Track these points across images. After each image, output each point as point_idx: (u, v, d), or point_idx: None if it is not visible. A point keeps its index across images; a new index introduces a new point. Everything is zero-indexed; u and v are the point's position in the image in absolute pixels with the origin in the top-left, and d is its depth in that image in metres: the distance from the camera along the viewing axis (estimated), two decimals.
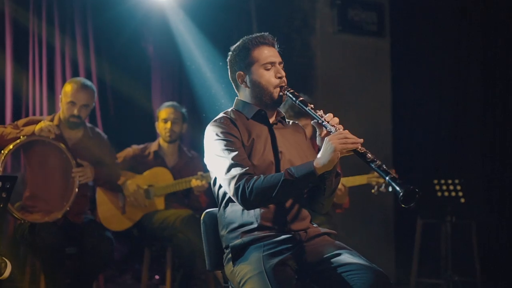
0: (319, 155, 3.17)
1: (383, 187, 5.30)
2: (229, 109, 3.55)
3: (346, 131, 3.17)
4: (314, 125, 3.32)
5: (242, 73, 3.48)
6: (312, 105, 3.36)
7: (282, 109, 5.29)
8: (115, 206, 5.65)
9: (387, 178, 3.05)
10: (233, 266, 3.31)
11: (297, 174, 3.16)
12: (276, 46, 3.51)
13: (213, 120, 3.45)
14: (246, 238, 3.31)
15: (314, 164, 3.15)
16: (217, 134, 3.35)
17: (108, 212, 5.64)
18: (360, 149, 3.14)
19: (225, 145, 3.31)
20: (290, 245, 3.29)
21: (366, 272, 3.14)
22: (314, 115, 3.31)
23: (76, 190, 5.08)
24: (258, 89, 3.45)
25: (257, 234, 3.31)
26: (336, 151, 3.09)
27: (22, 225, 5.02)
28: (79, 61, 7.00)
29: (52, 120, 5.22)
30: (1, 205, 3.98)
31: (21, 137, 4.96)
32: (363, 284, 3.10)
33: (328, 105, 6.91)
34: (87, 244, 5.05)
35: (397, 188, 3.02)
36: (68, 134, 5.23)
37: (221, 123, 3.40)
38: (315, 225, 3.52)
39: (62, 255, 4.98)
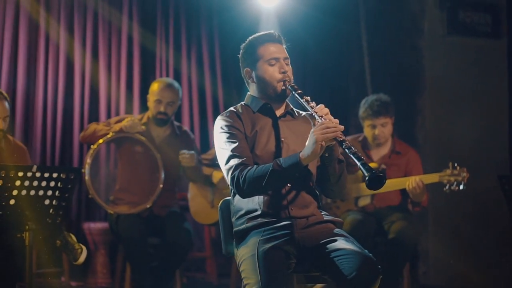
0: (305, 147, 3.30)
1: (454, 185, 5.14)
2: (239, 104, 3.72)
3: (328, 120, 3.29)
4: (307, 116, 3.51)
5: (249, 69, 3.65)
6: (308, 98, 3.46)
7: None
8: (205, 200, 5.86)
9: (359, 163, 3.21)
10: (236, 250, 3.51)
11: (284, 165, 3.31)
12: (283, 43, 3.65)
13: (220, 114, 3.64)
14: (249, 224, 3.48)
15: (300, 155, 3.29)
16: (221, 127, 3.55)
17: (198, 206, 5.88)
18: (339, 137, 3.27)
19: (227, 138, 3.50)
20: (288, 231, 3.41)
21: (355, 256, 3.24)
22: (306, 107, 3.44)
23: (161, 185, 5.34)
24: (263, 83, 3.60)
25: (259, 220, 3.47)
26: (318, 142, 3.23)
27: (111, 216, 5.36)
28: (206, 86, 7.41)
29: (142, 118, 5.52)
30: (67, 195, 4.31)
31: (110, 133, 5.30)
32: (351, 268, 3.20)
33: (436, 106, 6.79)
34: (168, 235, 5.30)
35: (365, 173, 3.18)
36: (156, 132, 5.52)
37: (226, 116, 3.59)
38: (322, 213, 3.60)
39: (144, 245, 5.26)
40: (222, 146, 3.51)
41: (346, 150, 3.25)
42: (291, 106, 3.72)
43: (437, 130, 6.84)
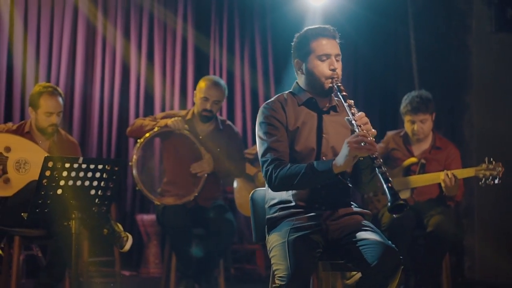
0: (339, 155, 3.32)
1: (490, 179, 5.13)
2: (286, 92, 3.74)
3: (365, 133, 3.26)
4: (347, 121, 3.44)
5: (299, 61, 3.65)
6: (351, 102, 3.46)
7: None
8: (249, 193, 5.95)
9: (385, 185, 3.20)
10: (268, 236, 3.58)
11: (317, 170, 3.34)
12: (336, 39, 3.62)
13: (266, 102, 3.68)
14: (281, 213, 3.56)
15: (333, 163, 3.31)
16: (264, 117, 3.58)
17: (243, 198, 6.01)
18: (372, 153, 3.26)
19: (268, 129, 3.54)
20: (317, 222, 3.49)
21: (377, 246, 3.29)
22: (348, 111, 3.43)
23: (205, 176, 5.47)
24: (311, 77, 3.60)
25: (291, 210, 3.55)
26: (350, 155, 3.25)
27: (157, 207, 5.51)
28: (259, 87, 7.52)
29: (186, 114, 5.65)
30: (112, 186, 4.47)
31: (156, 128, 5.45)
32: (373, 257, 3.26)
33: (483, 103, 6.74)
34: (211, 226, 5.42)
35: (389, 197, 3.17)
36: (201, 127, 5.64)
37: (271, 106, 3.61)
38: (353, 205, 3.66)
39: (189, 235, 5.38)
40: (261, 137, 3.55)
41: (376, 168, 3.25)
42: (335, 102, 3.69)
43: (483, 126, 6.78)
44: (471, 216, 6.69)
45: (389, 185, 3.19)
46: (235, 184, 6.15)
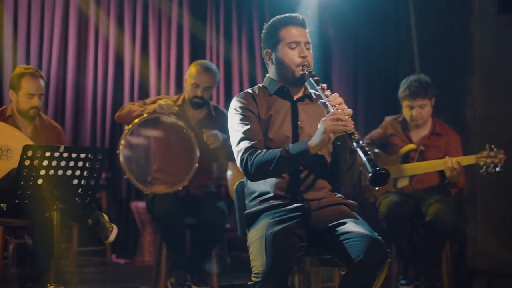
0: (314, 135, 3.21)
1: (491, 167, 4.92)
2: (257, 86, 3.64)
3: (340, 112, 3.19)
4: (320, 104, 3.32)
5: (269, 50, 3.57)
6: (324, 85, 3.35)
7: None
8: None
9: (364, 158, 3.12)
10: (248, 232, 3.42)
11: (293, 151, 3.23)
12: (305, 27, 3.55)
13: (237, 95, 3.57)
14: (260, 206, 3.41)
15: (308, 143, 3.20)
16: (235, 109, 3.48)
17: None
18: (349, 130, 3.16)
19: (240, 120, 3.44)
20: (299, 213, 3.33)
21: (363, 239, 3.14)
22: (321, 94, 3.35)
23: (197, 165, 5.26)
24: (282, 66, 3.52)
25: (271, 202, 3.39)
26: (327, 133, 3.14)
27: (147, 195, 5.31)
28: (257, 75, 7.34)
29: (177, 100, 5.44)
30: (95, 175, 4.29)
31: (144, 114, 5.25)
32: (358, 251, 3.12)
33: (487, 87, 6.51)
34: (203, 215, 5.20)
35: (369, 168, 3.09)
36: (192, 113, 5.43)
37: (241, 98, 3.52)
38: (337, 195, 3.50)
39: (180, 224, 5.19)
40: (234, 128, 3.44)
41: (354, 143, 3.15)
42: (310, 90, 3.61)
43: (486, 111, 6.53)
44: (473, 203, 6.46)
45: (369, 157, 3.11)
46: (228, 172, 5.95)
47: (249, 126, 3.39)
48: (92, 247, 6.19)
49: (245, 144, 3.34)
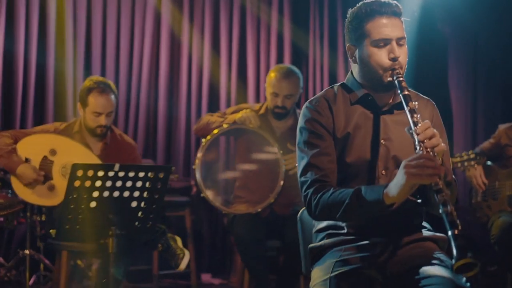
0: (393, 181, 2.50)
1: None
2: (338, 84, 2.91)
3: (428, 155, 2.42)
4: (407, 132, 2.56)
5: (352, 46, 2.81)
6: (415, 104, 2.58)
7: None
8: None
9: (449, 232, 2.32)
10: (312, 269, 2.82)
11: (366, 198, 2.53)
12: (400, 16, 2.75)
13: (309, 100, 2.87)
14: (328, 240, 2.79)
15: (384, 191, 2.49)
16: (306, 121, 2.79)
17: None
18: (436, 183, 2.41)
19: (309, 137, 2.76)
20: (372, 252, 2.68)
21: (445, 285, 2.47)
22: (409, 118, 2.56)
23: (282, 182, 4.67)
24: (366, 68, 2.75)
25: (341, 237, 2.76)
26: (407, 183, 2.42)
27: (228, 215, 4.78)
28: None
29: (260, 109, 4.88)
30: (157, 196, 3.79)
31: (223, 125, 4.72)
32: None
33: None
34: (289, 236, 4.59)
35: (454, 251, 2.30)
36: (276, 123, 4.86)
37: (314, 106, 2.80)
38: (425, 229, 2.81)
39: (262, 248, 4.62)
40: (302, 147, 2.78)
41: (440, 205, 2.38)
42: (406, 93, 2.69)
43: None
44: None
45: (456, 233, 2.31)
46: None
47: (318, 149, 2.72)
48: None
49: (311, 174, 2.68)
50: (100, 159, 4.43)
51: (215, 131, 4.73)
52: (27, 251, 4.89)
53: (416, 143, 2.48)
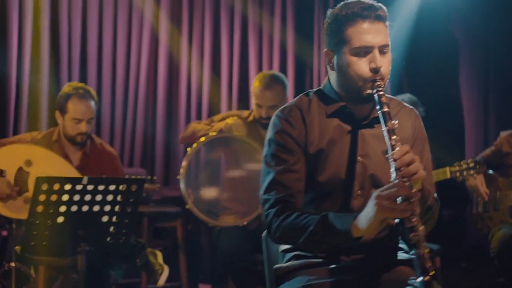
0: (363, 211, 2.26)
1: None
2: (313, 91, 2.63)
3: (402, 184, 2.19)
4: (383, 154, 2.36)
5: (330, 51, 2.52)
6: (394, 123, 2.31)
7: None
8: None
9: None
10: None
11: (334, 227, 2.30)
12: (385, 20, 2.46)
13: (281, 107, 2.59)
14: (295, 262, 2.56)
15: (354, 222, 2.26)
16: (275, 133, 2.52)
17: None
18: (409, 219, 2.19)
19: (277, 151, 2.50)
20: (343, 277, 2.46)
21: None
22: (386, 139, 2.30)
23: None
24: (344, 78, 2.48)
25: (308, 260, 2.53)
26: (378, 216, 2.19)
27: (214, 228, 4.56)
28: None
29: (248, 116, 4.66)
30: (130, 210, 3.60)
31: (209, 133, 4.52)
32: None
33: None
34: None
35: (418, 270, 2.15)
36: (264, 131, 4.62)
37: (286, 116, 2.52)
38: (401, 251, 2.58)
39: (250, 263, 4.40)
40: (268, 161, 2.51)
41: (413, 247, 2.17)
42: (386, 108, 2.40)
43: None
44: None
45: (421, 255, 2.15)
46: None
47: (286, 165, 2.46)
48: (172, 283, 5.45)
49: (275, 193, 2.43)
50: (79, 170, 4.24)
51: (202, 139, 4.52)
52: (12, 264, 4.71)
53: (392, 170, 2.23)
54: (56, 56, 5.68)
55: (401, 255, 2.55)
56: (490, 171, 4.54)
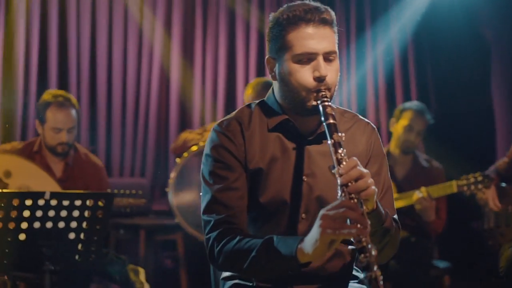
0: (309, 234, 2.00)
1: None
2: (256, 102, 2.36)
3: (349, 202, 1.93)
4: (329, 170, 2.05)
5: (272, 59, 2.27)
6: (341, 136, 2.06)
7: None
8: None
9: (363, 273, 1.92)
10: None
11: (278, 252, 2.05)
12: (332, 25, 2.21)
13: (220, 120, 2.34)
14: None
15: (299, 246, 2.01)
16: (212, 148, 2.26)
17: None
18: (358, 239, 1.92)
19: (215, 168, 2.24)
20: None
21: None
22: (332, 154, 2.05)
23: None
24: (287, 88, 2.22)
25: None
26: (323, 238, 1.93)
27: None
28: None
29: None
30: (98, 227, 3.38)
31: (200, 143, 4.29)
32: None
33: None
34: None
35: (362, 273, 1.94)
36: None
37: (224, 130, 2.26)
38: (355, 274, 2.35)
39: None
40: (206, 179, 2.25)
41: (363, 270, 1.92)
42: (332, 120, 2.16)
43: None
44: None
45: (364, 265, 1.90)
46: None
47: (225, 183, 2.21)
48: None
49: (216, 214, 2.19)
50: (62, 181, 4.06)
51: (193, 148, 4.28)
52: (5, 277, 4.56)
53: (338, 185, 1.96)
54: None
55: (353, 285, 2.29)
56: (503, 184, 4.18)
